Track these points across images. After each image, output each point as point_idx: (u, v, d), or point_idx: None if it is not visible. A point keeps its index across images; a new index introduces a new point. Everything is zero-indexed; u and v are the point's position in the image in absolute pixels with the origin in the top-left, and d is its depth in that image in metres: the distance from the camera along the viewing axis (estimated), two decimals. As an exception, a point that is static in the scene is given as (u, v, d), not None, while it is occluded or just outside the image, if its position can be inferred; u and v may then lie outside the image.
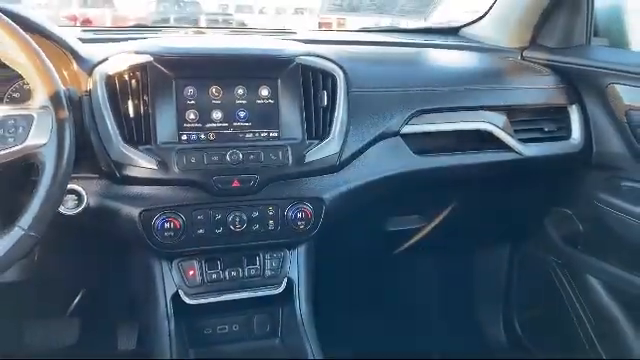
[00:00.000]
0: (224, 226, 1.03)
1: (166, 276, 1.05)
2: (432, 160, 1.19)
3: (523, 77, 1.35)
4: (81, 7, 12.15)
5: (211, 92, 1.02)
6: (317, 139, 1.06)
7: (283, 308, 1.13)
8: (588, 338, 1.43)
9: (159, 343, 1.02)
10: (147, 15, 12.99)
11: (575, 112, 1.32)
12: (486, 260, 1.72)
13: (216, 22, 12.15)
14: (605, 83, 1.25)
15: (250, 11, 15.29)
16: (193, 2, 14.34)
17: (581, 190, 1.38)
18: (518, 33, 1.48)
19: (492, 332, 1.71)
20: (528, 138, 1.27)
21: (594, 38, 1.42)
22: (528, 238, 1.56)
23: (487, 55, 1.46)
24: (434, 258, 1.77)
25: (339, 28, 6.56)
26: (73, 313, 1.53)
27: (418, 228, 1.42)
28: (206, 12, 14.29)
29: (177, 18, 12.84)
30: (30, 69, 0.80)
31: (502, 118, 1.25)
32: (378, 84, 1.17)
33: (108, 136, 0.96)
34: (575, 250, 1.43)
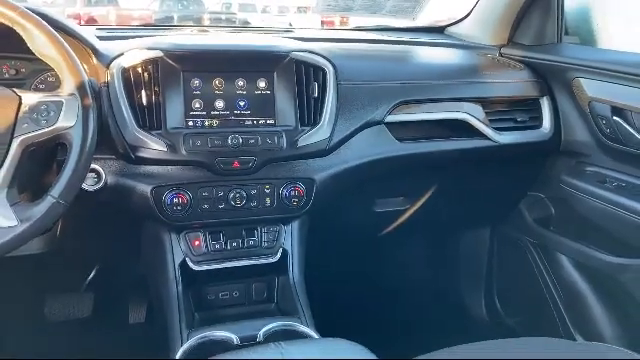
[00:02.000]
0: (226, 202, 1.16)
1: (175, 246, 1.18)
2: (413, 146, 1.32)
3: (499, 72, 1.47)
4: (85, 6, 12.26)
5: (214, 83, 1.15)
6: (309, 126, 1.18)
7: (278, 276, 1.26)
8: (559, 313, 1.56)
9: (169, 305, 1.14)
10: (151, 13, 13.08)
11: (545, 104, 1.45)
12: (467, 241, 1.84)
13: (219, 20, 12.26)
14: (571, 77, 1.37)
15: (253, 10, 15.40)
16: (196, 1, 14.44)
17: (551, 175, 1.50)
18: (497, 32, 1.61)
19: (474, 309, 1.83)
20: (502, 127, 1.40)
21: (566, 37, 1.55)
22: (505, 220, 1.68)
23: (467, 52, 1.58)
24: (419, 239, 1.90)
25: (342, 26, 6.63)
26: (88, 287, 1.67)
27: (403, 210, 1.54)
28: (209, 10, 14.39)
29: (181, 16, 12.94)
30: (60, 62, 0.92)
31: (478, 109, 1.37)
32: (365, 78, 1.30)
33: (124, 122, 1.08)
34: (547, 230, 1.55)
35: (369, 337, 0.88)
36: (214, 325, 1.09)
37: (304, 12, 15.77)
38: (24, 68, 1.20)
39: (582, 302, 1.48)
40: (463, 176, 1.50)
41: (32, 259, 1.22)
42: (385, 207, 1.51)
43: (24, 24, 0.90)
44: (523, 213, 1.61)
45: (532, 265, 1.62)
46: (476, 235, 1.80)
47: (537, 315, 1.64)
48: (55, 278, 1.62)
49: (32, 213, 0.87)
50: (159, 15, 12.72)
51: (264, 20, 13.62)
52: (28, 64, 1.20)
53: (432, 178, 1.48)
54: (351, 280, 1.77)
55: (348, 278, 1.74)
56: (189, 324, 1.10)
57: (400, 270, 1.90)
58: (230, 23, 12.34)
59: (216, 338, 1.02)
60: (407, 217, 1.55)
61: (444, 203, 1.55)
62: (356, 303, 1.70)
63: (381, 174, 1.32)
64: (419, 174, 1.43)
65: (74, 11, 11.27)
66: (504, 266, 1.76)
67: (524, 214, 1.61)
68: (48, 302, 1.68)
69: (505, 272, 1.77)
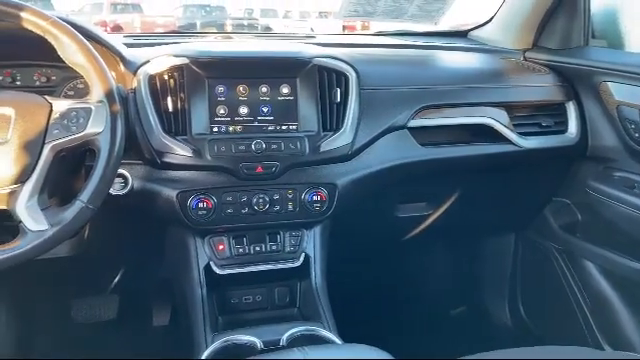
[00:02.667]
0: (249, 207, 1.17)
1: (199, 250, 1.19)
2: (436, 151, 1.32)
3: (523, 76, 1.46)
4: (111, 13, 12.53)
5: (238, 90, 1.16)
6: (331, 131, 1.19)
7: (301, 281, 1.27)
8: (586, 320, 1.53)
9: (193, 308, 1.16)
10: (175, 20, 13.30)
11: (572, 108, 1.43)
12: (491, 247, 1.82)
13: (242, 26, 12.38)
14: (599, 81, 1.35)
15: (275, 15, 15.53)
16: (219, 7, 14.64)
17: (578, 180, 1.48)
18: (521, 36, 1.59)
19: (498, 315, 1.81)
20: (527, 132, 1.38)
21: (592, 40, 1.52)
22: (530, 226, 1.66)
23: (491, 56, 1.57)
24: (442, 244, 1.88)
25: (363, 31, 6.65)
26: (113, 290, 1.70)
27: (426, 215, 1.53)
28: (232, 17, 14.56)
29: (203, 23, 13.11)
30: (89, 69, 0.94)
31: (502, 113, 1.36)
32: (388, 82, 1.30)
33: (150, 128, 1.11)
34: (573, 237, 1.53)
35: (391, 343, 0.88)
36: (237, 329, 1.10)
37: (325, 17, 15.85)
38: (54, 76, 1.24)
39: (609, 309, 1.45)
40: (487, 181, 1.49)
41: (60, 262, 1.25)
42: (407, 212, 1.50)
43: (55, 33, 0.92)
44: (548, 219, 1.59)
45: (557, 272, 1.59)
46: (500, 241, 1.78)
47: (562, 323, 1.62)
48: (82, 281, 1.65)
49: (62, 217, 0.89)
50: (182, 22, 12.95)
51: (286, 26, 13.72)
52: (58, 72, 1.23)
53: (455, 183, 1.47)
54: (373, 285, 1.76)
55: (370, 283, 1.74)
56: (213, 327, 1.11)
57: (422, 276, 1.88)
58: (252, 29, 12.46)
59: (240, 342, 1.03)
60: (429, 223, 1.54)
61: (467, 209, 1.54)
62: (378, 308, 1.70)
63: (403, 179, 1.32)
64: (442, 179, 1.42)
65: (100, 18, 11.54)
66: (528, 272, 1.74)
67: (549, 220, 1.59)
68: (75, 304, 1.72)
69: (529, 279, 1.74)
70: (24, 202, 0.88)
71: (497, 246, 1.80)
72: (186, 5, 14.48)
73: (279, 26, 13.61)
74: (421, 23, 1.78)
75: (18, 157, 0.88)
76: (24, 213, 0.88)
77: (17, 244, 0.87)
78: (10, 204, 0.89)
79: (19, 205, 0.88)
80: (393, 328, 1.54)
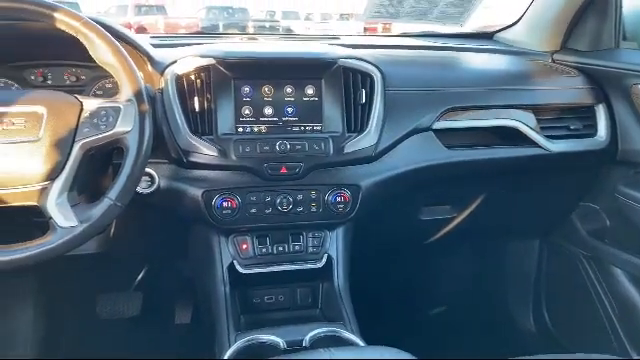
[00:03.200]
0: (273, 207, 1.18)
1: (223, 249, 1.20)
2: (461, 153, 1.30)
3: (551, 78, 1.43)
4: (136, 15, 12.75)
5: (264, 91, 1.17)
6: (355, 132, 1.18)
7: (323, 282, 1.26)
8: (613, 328, 1.49)
9: (217, 307, 1.16)
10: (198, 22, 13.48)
11: (601, 111, 1.40)
12: (515, 252, 1.79)
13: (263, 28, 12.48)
14: (630, 84, 1.32)
15: (296, 17, 15.62)
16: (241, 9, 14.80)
17: (607, 185, 1.45)
18: (549, 37, 1.56)
19: (521, 320, 1.78)
20: (555, 135, 1.36)
21: (623, 42, 1.49)
22: (556, 231, 1.63)
23: (518, 58, 1.55)
24: (465, 248, 1.86)
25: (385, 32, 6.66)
26: (137, 287, 1.72)
27: (450, 218, 1.52)
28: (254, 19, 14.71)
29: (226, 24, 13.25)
30: (118, 69, 0.95)
31: (530, 116, 1.34)
32: (413, 84, 1.29)
33: (177, 127, 1.12)
34: (601, 243, 1.49)
35: (413, 346, 0.87)
36: (260, 328, 1.10)
37: (346, 19, 15.87)
38: (84, 75, 1.26)
39: (638, 317, 1.41)
40: (512, 185, 1.46)
41: (86, 259, 1.27)
42: (431, 215, 1.49)
43: (87, 33, 0.94)
44: (575, 224, 1.56)
45: (584, 278, 1.56)
46: (524, 246, 1.75)
47: (588, 329, 1.58)
48: (106, 277, 1.68)
49: (91, 214, 0.91)
50: (205, 23, 13.11)
51: (307, 28, 13.77)
52: (88, 71, 1.26)
53: (480, 186, 1.45)
54: (395, 287, 1.75)
55: (392, 285, 1.73)
56: (236, 326, 1.12)
57: (445, 279, 1.86)
58: (274, 31, 12.56)
59: (263, 341, 1.03)
60: (453, 226, 1.53)
61: (492, 212, 1.52)
62: (400, 311, 1.69)
63: (428, 181, 1.31)
64: (467, 182, 1.40)
65: (125, 20, 11.75)
66: (554, 278, 1.71)
67: (576, 225, 1.55)
68: (100, 300, 1.74)
69: (555, 284, 1.71)
70: (54, 199, 0.90)
71: (521, 251, 1.77)
72: (209, 7, 14.66)
73: (300, 28, 13.68)
74: (446, 25, 1.76)
75: (49, 155, 0.89)
76: (54, 209, 0.90)
77: (48, 240, 0.89)
78: (41, 201, 0.90)
79: (49, 202, 0.90)
80: (415, 331, 1.53)
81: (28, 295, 1.62)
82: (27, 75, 1.23)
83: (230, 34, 1.69)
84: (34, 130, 0.90)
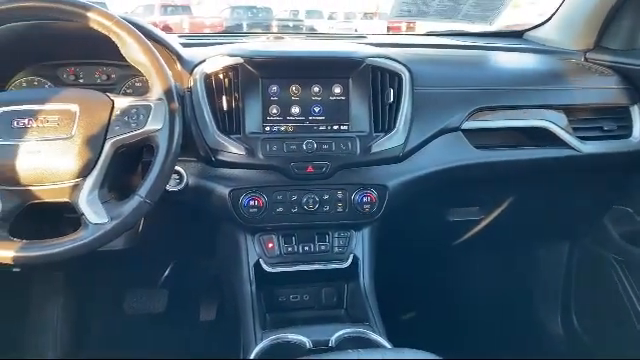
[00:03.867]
0: (299, 206, 1.17)
1: (249, 247, 1.20)
2: (491, 154, 1.28)
3: (584, 78, 1.40)
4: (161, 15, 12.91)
5: (291, 90, 1.17)
6: (383, 132, 1.17)
7: (348, 282, 1.25)
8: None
9: (243, 305, 1.16)
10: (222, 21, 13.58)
11: (637, 112, 1.36)
12: (544, 255, 1.76)
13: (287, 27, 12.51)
14: (667, 83, 1.28)
15: (320, 16, 15.60)
16: (265, 9, 14.85)
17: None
18: (582, 36, 1.53)
19: (549, 325, 1.75)
20: (587, 136, 1.32)
21: (661, 41, 1.44)
22: (587, 235, 1.59)
23: (549, 57, 1.52)
24: (493, 250, 1.83)
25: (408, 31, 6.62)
26: (163, 284, 1.74)
27: (478, 220, 1.49)
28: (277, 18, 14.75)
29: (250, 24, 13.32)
30: (150, 68, 0.96)
31: (561, 116, 1.31)
32: (441, 83, 1.28)
33: (205, 126, 1.12)
34: (635, 247, 1.45)
35: (438, 348, 0.86)
36: (285, 327, 1.10)
37: (370, 18, 15.79)
38: (114, 74, 1.28)
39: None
40: (543, 187, 1.44)
41: (114, 255, 1.29)
42: (459, 216, 1.47)
43: (119, 32, 0.95)
44: (607, 228, 1.52)
45: (616, 283, 1.52)
46: (554, 249, 1.72)
47: (618, 335, 1.54)
48: (133, 274, 1.70)
49: (121, 211, 0.92)
50: (229, 23, 13.20)
51: (331, 27, 13.76)
52: (118, 70, 1.27)
53: (510, 188, 1.43)
54: (421, 289, 1.73)
55: (418, 287, 1.71)
56: (262, 325, 1.12)
57: (472, 281, 1.84)
58: (297, 30, 12.58)
59: (289, 341, 1.03)
60: (481, 228, 1.50)
61: (521, 214, 1.49)
62: (425, 312, 1.67)
63: (456, 182, 1.29)
64: (496, 183, 1.38)
65: (152, 19, 11.92)
66: (584, 282, 1.67)
67: (608, 229, 1.51)
68: (127, 296, 1.77)
69: (585, 288, 1.67)
70: (86, 195, 0.91)
71: (550, 254, 1.73)
72: (233, 7, 14.76)
73: (324, 27, 13.67)
74: (474, 23, 1.73)
75: (81, 152, 0.91)
76: (86, 206, 0.91)
77: (79, 236, 0.90)
78: (73, 197, 0.92)
79: (81, 198, 0.91)
80: (440, 333, 1.51)
81: (58, 289, 1.66)
82: (60, 73, 1.26)
83: (255, 33, 1.70)
84: (67, 128, 0.92)
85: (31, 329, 1.63)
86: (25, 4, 0.91)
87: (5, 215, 0.90)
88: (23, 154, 0.89)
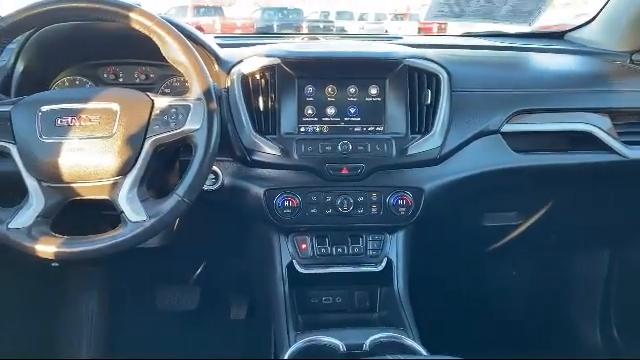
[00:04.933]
0: (333, 207, 1.17)
1: (283, 248, 1.20)
2: (531, 158, 1.24)
3: (630, 80, 1.35)
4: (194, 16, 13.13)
5: (327, 90, 1.16)
6: (420, 134, 1.16)
7: (382, 286, 1.24)
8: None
9: (277, 306, 1.16)
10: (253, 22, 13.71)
11: None
12: (583, 263, 1.70)
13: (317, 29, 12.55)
14: None
15: (350, 18, 15.58)
16: (296, 10, 14.94)
17: (690, 196, 1.35)
18: (628, 37, 1.47)
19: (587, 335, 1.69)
20: (633, 141, 1.27)
21: None
22: (629, 242, 1.54)
23: (592, 58, 1.47)
24: (530, 257, 1.78)
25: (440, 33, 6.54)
26: (195, 282, 1.76)
27: (515, 225, 1.46)
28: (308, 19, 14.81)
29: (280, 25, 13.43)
30: (189, 68, 0.97)
31: (605, 120, 1.26)
32: (480, 85, 1.25)
33: (242, 126, 1.13)
34: (681, 257, 1.40)
35: (473, 355, 0.84)
36: (318, 330, 1.09)
37: (401, 19, 15.69)
38: (153, 74, 1.30)
39: None
40: (584, 193, 1.39)
41: (148, 252, 1.30)
42: (495, 221, 1.44)
43: (159, 32, 0.96)
44: (651, 236, 1.46)
45: (660, 294, 1.46)
46: (593, 257, 1.66)
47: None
48: (166, 271, 1.72)
49: (159, 209, 0.93)
50: (260, 24, 13.32)
51: (361, 28, 13.72)
52: (157, 70, 1.29)
53: (549, 193, 1.39)
54: (455, 294, 1.70)
55: (452, 292, 1.68)
56: (295, 326, 1.12)
57: (507, 288, 1.80)
58: (328, 31, 12.59)
59: (323, 343, 1.03)
60: (518, 233, 1.47)
61: (560, 221, 1.45)
62: (459, 318, 1.64)
63: (494, 186, 1.26)
64: (535, 188, 1.34)
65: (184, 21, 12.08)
66: (625, 292, 1.61)
67: (653, 237, 1.46)
68: (159, 293, 1.79)
69: (625, 298, 1.61)
70: (125, 193, 0.93)
71: (590, 262, 1.68)
72: (264, 8, 14.88)
73: (354, 28, 13.64)
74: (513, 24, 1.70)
75: (121, 150, 0.92)
76: (125, 204, 0.92)
77: (118, 233, 0.91)
78: (112, 195, 0.93)
79: (121, 196, 0.93)
80: (475, 339, 1.48)
81: (93, 285, 1.69)
82: (100, 73, 1.28)
83: (289, 34, 1.70)
84: (108, 126, 0.93)
85: (66, 324, 1.67)
86: (70, 5, 0.93)
87: (47, 211, 0.92)
88: (66, 152, 0.91)
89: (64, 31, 1.13)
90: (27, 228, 0.91)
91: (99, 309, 1.67)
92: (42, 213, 0.92)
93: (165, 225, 0.95)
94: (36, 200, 0.92)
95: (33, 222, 0.91)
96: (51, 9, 0.93)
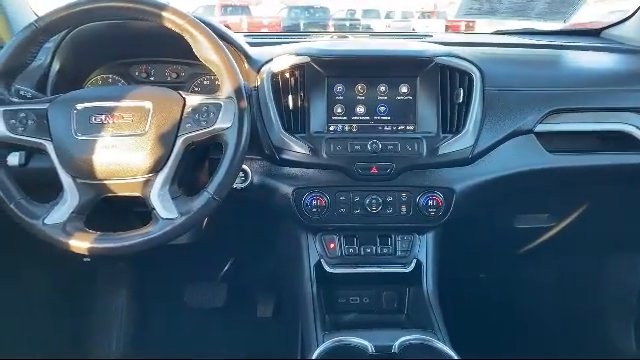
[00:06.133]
0: (362, 207, 1.16)
1: (311, 247, 1.20)
2: (566, 159, 1.21)
3: None
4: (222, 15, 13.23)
5: (357, 89, 1.15)
6: (451, 133, 1.14)
7: (410, 287, 1.22)
8: None
9: (304, 305, 1.16)
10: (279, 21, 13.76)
11: None
12: (620, 267, 1.65)
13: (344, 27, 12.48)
14: None
15: (377, 16, 15.48)
16: (322, 8, 14.91)
17: None
18: (668, 34, 1.42)
19: (621, 340, 1.64)
20: None
21: None
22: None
23: (631, 56, 1.42)
24: (563, 260, 1.74)
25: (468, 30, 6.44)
26: (223, 279, 1.77)
27: (547, 227, 1.42)
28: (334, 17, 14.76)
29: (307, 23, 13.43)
30: (221, 67, 0.97)
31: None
32: (513, 83, 1.22)
33: (271, 125, 1.13)
34: None
35: None
36: (346, 330, 1.08)
37: (428, 17, 15.51)
38: (183, 72, 1.31)
39: None
40: (620, 194, 1.35)
41: (177, 249, 1.32)
42: (527, 223, 1.41)
43: (192, 31, 0.96)
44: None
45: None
46: (629, 260, 1.61)
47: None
48: (194, 268, 1.74)
49: (190, 207, 0.93)
50: (287, 22, 13.35)
51: (387, 26, 13.63)
52: (187, 68, 1.30)
53: (584, 195, 1.35)
54: (485, 297, 1.67)
55: (481, 294, 1.65)
56: (323, 326, 1.11)
57: (539, 291, 1.75)
58: (354, 29, 12.54)
59: (351, 344, 1.02)
60: (550, 236, 1.43)
61: (594, 223, 1.41)
62: (489, 322, 1.61)
63: (526, 187, 1.23)
64: (569, 190, 1.31)
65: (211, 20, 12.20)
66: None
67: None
68: (187, 289, 1.81)
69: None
70: (157, 190, 0.93)
71: (625, 265, 1.63)
72: (290, 7, 14.91)
73: (381, 26, 13.56)
74: (548, 21, 1.65)
75: (154, 148, 0.93)
76: (157, 201, 0.93)
77: (150, 230, 0.92)
78: (144, 192, 0.94)
79: (153, 193, 0.93)
80: (505, 344, 1.45)
81: (122, 281, 1.72)
82: (132, 71, 1.30)
83: (317, 32, 1.69)
84: (141, 124, 0.94)
85: (97, 319, 1.70)
86: (106, 4, 0.94)
87: (82, 208, 0.94)
88: (100, 149, 0.92)
89: (98, 30, 1.15)
90: (62, 224, 0.92)
91: (128, 305, 1.69)
92: (76, 209, 0.93)
93: (195, 223, 0.95)
94: (71, 196, 0.93)
95: (68, 218, 0.93)
96: (87, 8, 0.95)
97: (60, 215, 0.93)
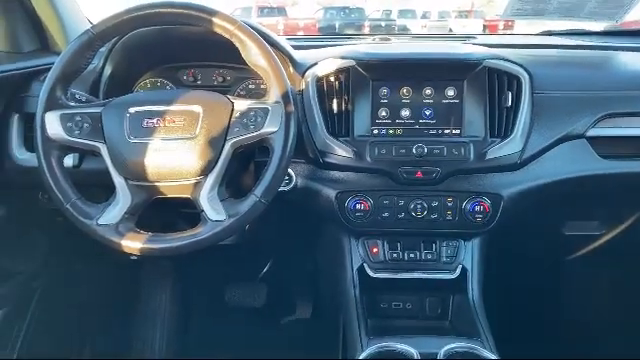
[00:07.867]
0: (406, 212, 1.15)
1: (354, 250, 1.20)
2: (620, 165, 1.17)
3: None
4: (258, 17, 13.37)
5: (402, 92, 1.14)
6: (499, 138, 1.11)
7: (454, 294, 1.21)
8: None
9: (347, 309, 1.16)
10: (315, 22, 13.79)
11: None
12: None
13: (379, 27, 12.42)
14: None
15: (413, 16, 15.33)
16: (358, 9, 14.87)
17: None
18: None
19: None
20: None
21: None
22: None
23: (691, 58, 1.36)
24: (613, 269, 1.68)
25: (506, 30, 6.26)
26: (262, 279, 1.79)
27: (597, 235, 1.38)
28: (370, 18, 14.71)
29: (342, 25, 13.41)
30: (269, 71, 0.98)
31: None
32: (563, 87, 1.19)
33: (315, 128, 1.13)
34: None
35: None
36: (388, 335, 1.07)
37: (465, 17, 15.27)
38: (229, 76, 1.33)
39: None
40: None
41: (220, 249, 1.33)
42: (576, 230, 1.36)
43: (241, 36, 0.98)
44: None
45: None
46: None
47: None
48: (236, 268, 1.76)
49: (238, 209, 0.94)
50: (322, 24, 13.39)
51: (424, 26, 13.49)
52: (233, 72, 1.32)
53: (637, 202, 1.30)
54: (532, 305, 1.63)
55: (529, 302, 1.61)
56: (366, 330, 1.11)
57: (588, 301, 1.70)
58: (389, 30, 12.46)
59: (397, 350, 1.01)
60: (601, 244, 1.38)
61: None
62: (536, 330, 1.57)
63: (577, 194, 1.19)
64: (622, 197, 1.26)
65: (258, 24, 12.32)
66: None
67: None
68: (228, 289, 1.84)
69: None
70: (206, 193, 0.95)
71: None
72: (326, 8, 14.94)
73: (417, 27, 13.43)
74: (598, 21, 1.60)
75: (203, 151, 0.94)
76: (206, 203, 0.95)
77: (199, 231, 0.94)
78: (194, 194, 0.96)
79: (202, 195, 0.95)
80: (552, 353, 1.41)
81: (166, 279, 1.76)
82: (180, 75, 1.33)
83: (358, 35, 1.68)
84: (191, 128, 0.96)
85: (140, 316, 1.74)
86: (158, 10, 0.97)
87: (134, 209, 0.96)
88: (151, 152, 0.94)
89: (148, 35, 1.17)
90: (115, 224, 0.95)
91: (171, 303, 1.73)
92: (129, 210, 0.96)
93: (243, 225, 0.96)
94: (123, 198, 0.96)
95: (120, 219, 0.95)
96: (140, 15, 0.97)
97: (113, 216, 0.95)
